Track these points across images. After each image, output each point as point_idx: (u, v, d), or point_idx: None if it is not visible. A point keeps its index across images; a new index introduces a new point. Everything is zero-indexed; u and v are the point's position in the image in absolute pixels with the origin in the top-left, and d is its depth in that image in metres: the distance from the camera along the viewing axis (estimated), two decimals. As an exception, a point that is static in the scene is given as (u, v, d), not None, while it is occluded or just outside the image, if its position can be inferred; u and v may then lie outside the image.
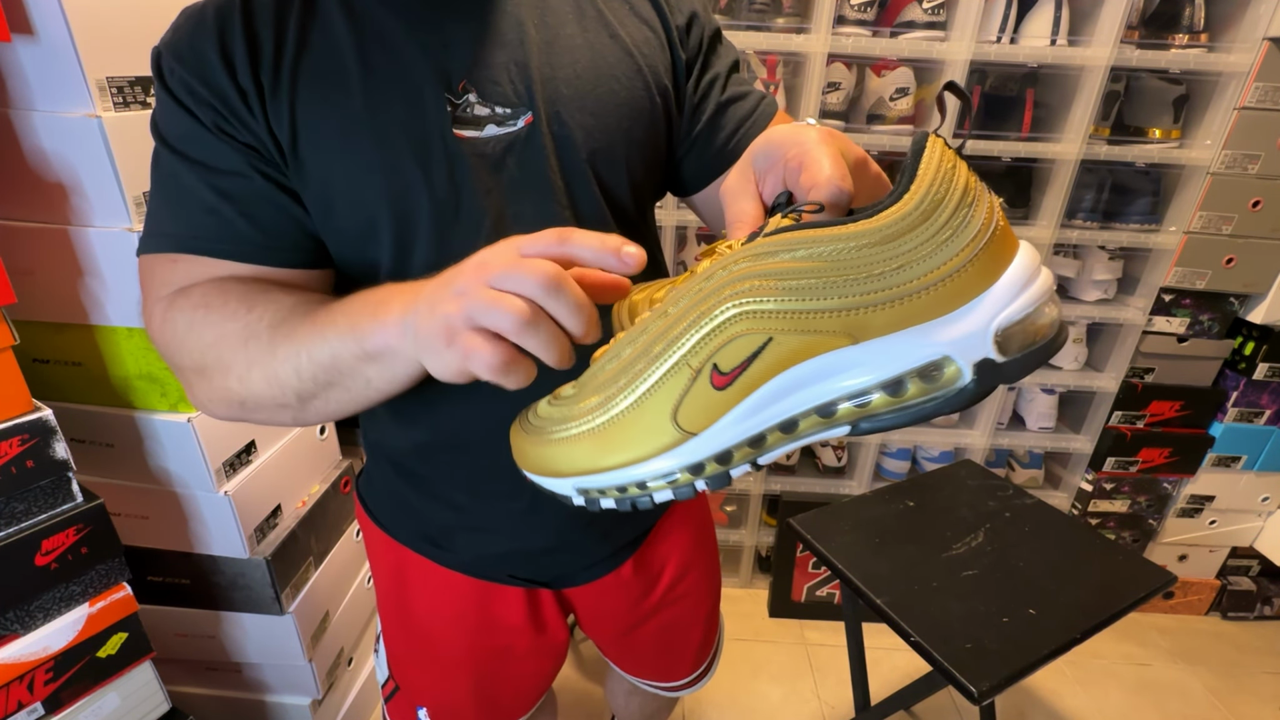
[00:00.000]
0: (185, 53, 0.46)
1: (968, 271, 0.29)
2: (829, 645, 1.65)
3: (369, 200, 0.48)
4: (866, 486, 1.67)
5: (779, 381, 0.32)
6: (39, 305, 0.82)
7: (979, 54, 1.27)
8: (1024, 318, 0.30)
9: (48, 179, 0.76)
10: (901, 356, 0.31)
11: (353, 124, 0.47)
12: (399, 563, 0.68)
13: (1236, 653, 1.68)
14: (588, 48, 0.53)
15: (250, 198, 0.48)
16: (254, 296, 0.46)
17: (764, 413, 0.32)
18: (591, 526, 0.65)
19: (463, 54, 0.49)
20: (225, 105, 0.46)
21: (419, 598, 0.69)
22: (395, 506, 0.67)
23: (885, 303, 0.30)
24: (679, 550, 0.74)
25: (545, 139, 0.50)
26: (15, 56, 0.71)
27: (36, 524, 0.74)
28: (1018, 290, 0.30)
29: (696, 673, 0.85)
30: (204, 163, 0.47)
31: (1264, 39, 1.25)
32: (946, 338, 0.30)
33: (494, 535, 0.64)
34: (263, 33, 0.46)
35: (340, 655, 1.25)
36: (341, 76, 0.47)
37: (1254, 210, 1.37)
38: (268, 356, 0.43)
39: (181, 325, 0.47)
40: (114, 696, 0.84)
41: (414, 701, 0.73)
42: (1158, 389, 1.56)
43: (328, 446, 1.19)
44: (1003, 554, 1.09)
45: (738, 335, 0.31)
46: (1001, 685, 0.86)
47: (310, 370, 0.42)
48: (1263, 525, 1.69)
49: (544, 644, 0.72)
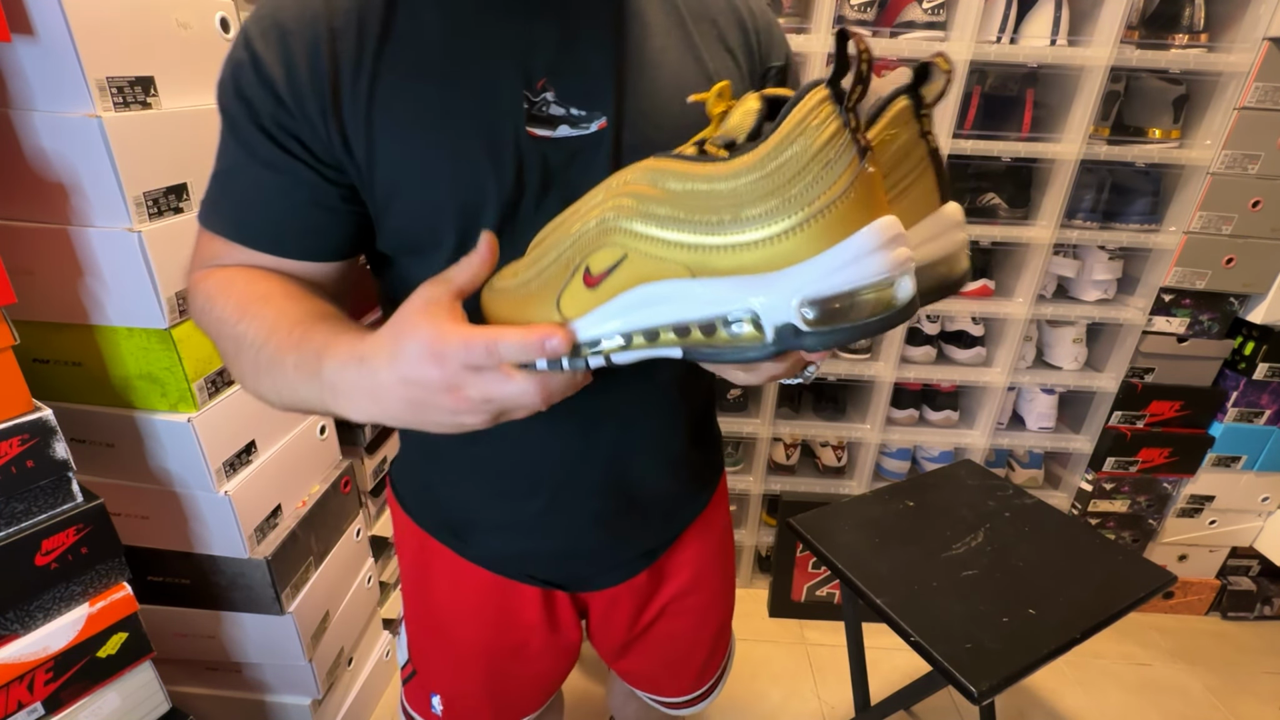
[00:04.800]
0: (268, 31, 0.46)
1: (799, 235, 0.29)
2: (829, 645, 1.65)
3: (437, 188, 0.48)
4: (866, 486, 1.67)
5: (633, 295, 0.35)
6: (39, 305, 0.82)
7: (979, 54, 1.27)
8: (838, 293, 0.29)
9: (48, 179, 0.76)
10: (719, 302, 0.32)
11: (429, 111, 0.47)
12: (423, 550, 0.70)
13: (1236, 653, 1.68)
14: (670, 65, 0.52)
15: (285, 189, 0.49)
16: (246, 304, 0.47)
17: (618, 319, 0.35)
18: (607, 533, 0.65)
19: (546, 52, 0.49)
20: (292, 91, 0.46)
21: (439, 587, 0.70)
22: (422, 495, 0.69)
23: (722, 247, 0.31)
24: (694, 564, 0.74)
25: (613, 146, 0.51)
26: (15, 56, 0.71)
27: (36, 524, 0.74)
28: (843, 264, 0.29)
29: (698, 692, 0.84)
30: (250, 146, 0.48)
31: (1264, 39, 1.25)
32: (759, 295, 0.31)
33: (511, 534, 0.65)
34: (348, 17, 0.47)
35: (340, 655, 1.25)
36: (423, 64, 0.47)
37: (1254, 210, 1.37)
38: (254, 373, 0.47)
39: (195, 308, 0.51)
40: (114, 696, 0.84)
41: (429, 688, 0.75)
42: (1158, 389, 1.56)
43: (328, 446, 1.19)
44: (1003, 554, 1.09)
45: (603, 245, 0.35)
46: (1001, 685, 0.86)
47: (291, 401, 0.46)
48: (1263, 525, 1.69)
49: (557, 644, 0.73)
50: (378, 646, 1.45)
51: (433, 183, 0.48)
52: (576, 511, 0.63)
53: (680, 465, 0.67)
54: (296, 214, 0.50)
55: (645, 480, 0.64)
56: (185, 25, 0.83)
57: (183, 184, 0.83)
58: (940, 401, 1.66)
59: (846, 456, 1.72)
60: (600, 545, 0.67)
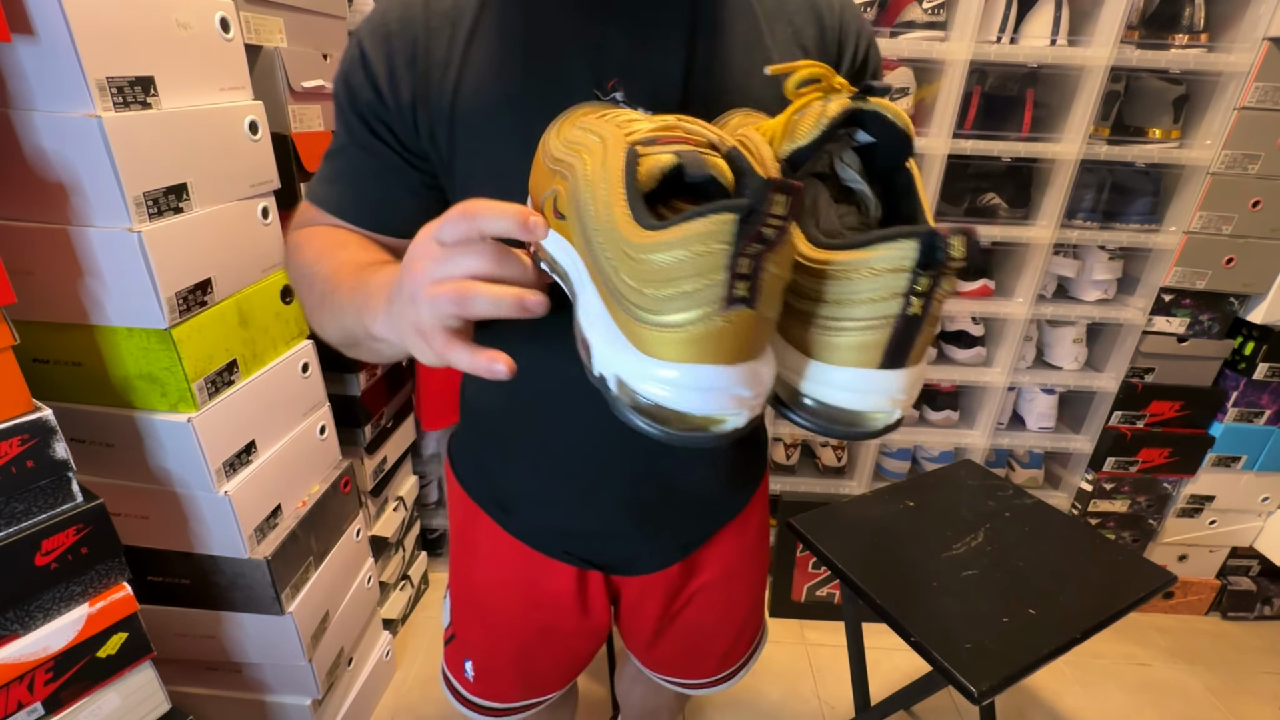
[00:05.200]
0: (375, 31, 0.53)
1: (657, 331, 0.30)
2: (829, 645, 1.65)
3: (507, 179, 0.50)
4: (866, 486, 1.67)
5: (563, 245, 0.37)
6: (39, 305, 0.82)
7: (979, 54, 1.27)
8: (664, 406, 0.31)
9: (48, 179, 0.76)
10: (591, 326, 0.35)
11: (504, 104, 0.51)
12: (470, 520, 0.74)
13: (1236, 653, 1.68)
14: (741, 69, 0.53)
15: (375, 170, 0.55)
16: (324, 250, 0.54)
17: (561, 257, 0.37)
18: (644, 520, 0.67)
19: (619, 53, 0.51)
20: (390, 86, 0.52)
21: (481, 559, 0.74)
22: (473, 466, 0.73)
23: (604, 286, 0.33)
24: (725, 559, 0.76)
25: None
26: (15, 56, 0.71)
27: (36, 524, 0.74)
28: (676, 384, 0.30)
29: (718, 676, 0.86)
30: (351, 131, 0.55)
31: (1264, 39, 1.25)
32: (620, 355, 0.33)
33: (552, 511, 0.68)
34: (444, 19, 0.52)
35: (340, 655, 1.25)
36: (502, 60, 0.51)
37: (1254, 210, 1.37)
38: (320, 309, 0.52)
39: (286, 256, 0.59)
40: (114, 696, 0.84)
41: (464, 653, 0.80)
42: (1158, 389, 1.56)
43: (328, 446, 1.19)
44: (1003, 554, 1.09)
45: (558, 194, 0.37)
46: (1001, 685, 0.86)
47: (342, 332, 0.50)
48: (1263, 525, 1.69)
49: (586, 626, 0.75)
50: (378, 646, 1.45)
51: (503, 174, 0.51)
52: (615, 496, 0.65)
53: (720, 461, 0.69)
54: (382, 193, 0.56)
55: (685, 472, 0.66)
56: (185, 25, 0.82)
57: (183, 184, 0.83)
58: (940, 401, 1.66)
59: (846, 456, 1.72)
60: (637, 532, 0.69)
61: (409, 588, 1.67)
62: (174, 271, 0.82)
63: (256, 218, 0.97)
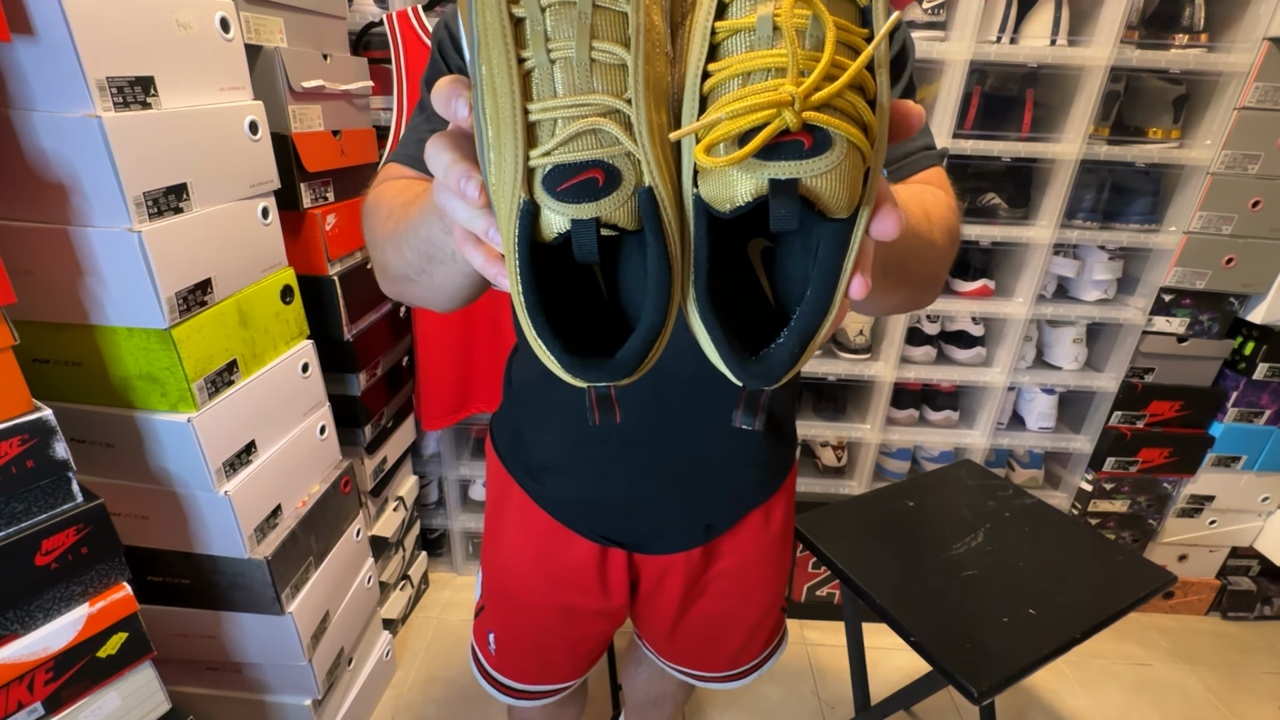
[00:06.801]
0: (452, 13, 0.58)
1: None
2: (829, 645, 1.65)
3: None
4: (866, 486, 1.67)
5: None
6: (39, 305, 0.82)
7: (979, 54, 1.27)
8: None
9: (48, 179, 0.76)
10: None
11: None
12: (504, 491, 0.77)
13: (1236, 653, 1.68)
14: None
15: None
16: (400, 188, 0.54)
17: None
18: (670, 487, 0.69)
19: None
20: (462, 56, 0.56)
21: (508, 531, 0.77)
22: (511, 437, 0.76)
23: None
24: (743, 550, 0.77)
25: None
26: (15, 56, 0.71)
27: (36, 524, 0.74)
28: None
29: (731, 672, 0.86)
30: (426, 101, 0.59)
31: (1264, 39, 1.25)
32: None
33: (580, 479, 0.70)
34: None
35: (340, 655, 1.25)
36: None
37: (1254, 210, 1.37)
38: (384, 236, 0.50)
39: (367, 203, 0.57)
40: (114, 696, 0.84)
41: (489, 626, 0.84)
42: (1158, 389, 1.56)
43: (328, 446, 1.19)
44: (1002, 554, 1.09)
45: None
46: (1001, 685, 0.86)
47: (416, 252, 0.46)
48: (1263, 525, 1.69)
49: (605, 608, 0.78)
50: (378, 647, 1.45)
51: None
52: (643, 463, 0.67)
53: (750, 443, 0.70)
54: None
55: (713, 447, 0.68)
56: (185, 25, 0.82)
57: (183, 184, 0.83)
58: (940, 401, 1.66)
59: (846, 456, 1.72)
60: (662, 504, 0.70)
61: (409, 588, 1.67)
62: (174, 271, 0.82)
63: (256, 218, 0.97)
